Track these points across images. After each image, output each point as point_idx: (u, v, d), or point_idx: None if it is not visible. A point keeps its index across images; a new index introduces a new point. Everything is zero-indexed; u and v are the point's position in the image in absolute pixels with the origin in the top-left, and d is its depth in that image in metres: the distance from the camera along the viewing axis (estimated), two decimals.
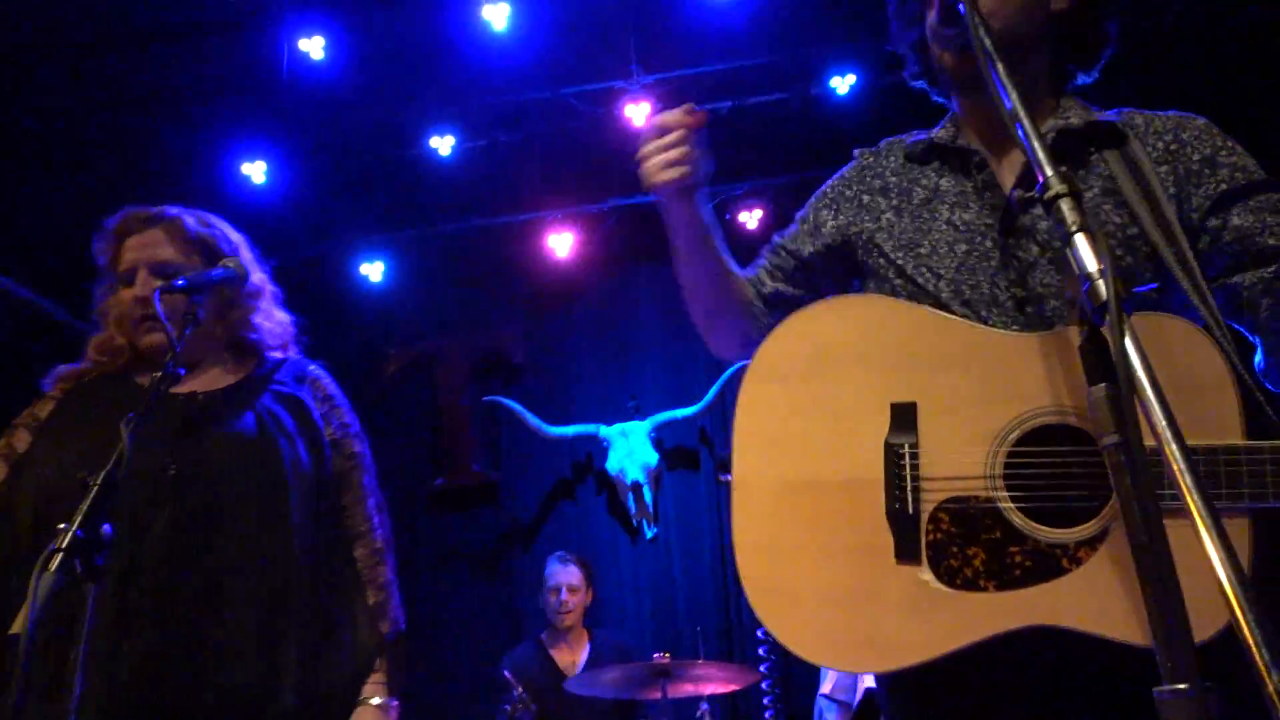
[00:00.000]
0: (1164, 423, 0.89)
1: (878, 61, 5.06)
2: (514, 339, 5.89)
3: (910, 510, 1.32)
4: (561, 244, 5.51)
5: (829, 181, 1.70)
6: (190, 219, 1.91)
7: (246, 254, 1.98)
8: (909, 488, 1.33)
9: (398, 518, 2.05)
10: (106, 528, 1.30)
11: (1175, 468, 0.86)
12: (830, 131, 5.20)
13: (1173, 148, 1.43)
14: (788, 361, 1.46)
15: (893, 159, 1.63)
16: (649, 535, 5.45)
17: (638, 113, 5.10)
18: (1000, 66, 1.16)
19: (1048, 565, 1.25)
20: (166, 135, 5.37)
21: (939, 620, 1.28)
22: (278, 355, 1.97)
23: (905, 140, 1.65)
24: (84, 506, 1.30)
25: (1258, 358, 1.40)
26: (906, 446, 1.35)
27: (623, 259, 5.79)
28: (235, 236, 1.98)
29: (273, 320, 1.99)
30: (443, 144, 5.41)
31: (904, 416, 1.36)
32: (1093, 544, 1.24)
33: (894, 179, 1.60)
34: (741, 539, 1.43)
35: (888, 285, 1.54)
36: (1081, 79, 1.58)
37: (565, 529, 5.59)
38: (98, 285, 1.94)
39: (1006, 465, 1.30)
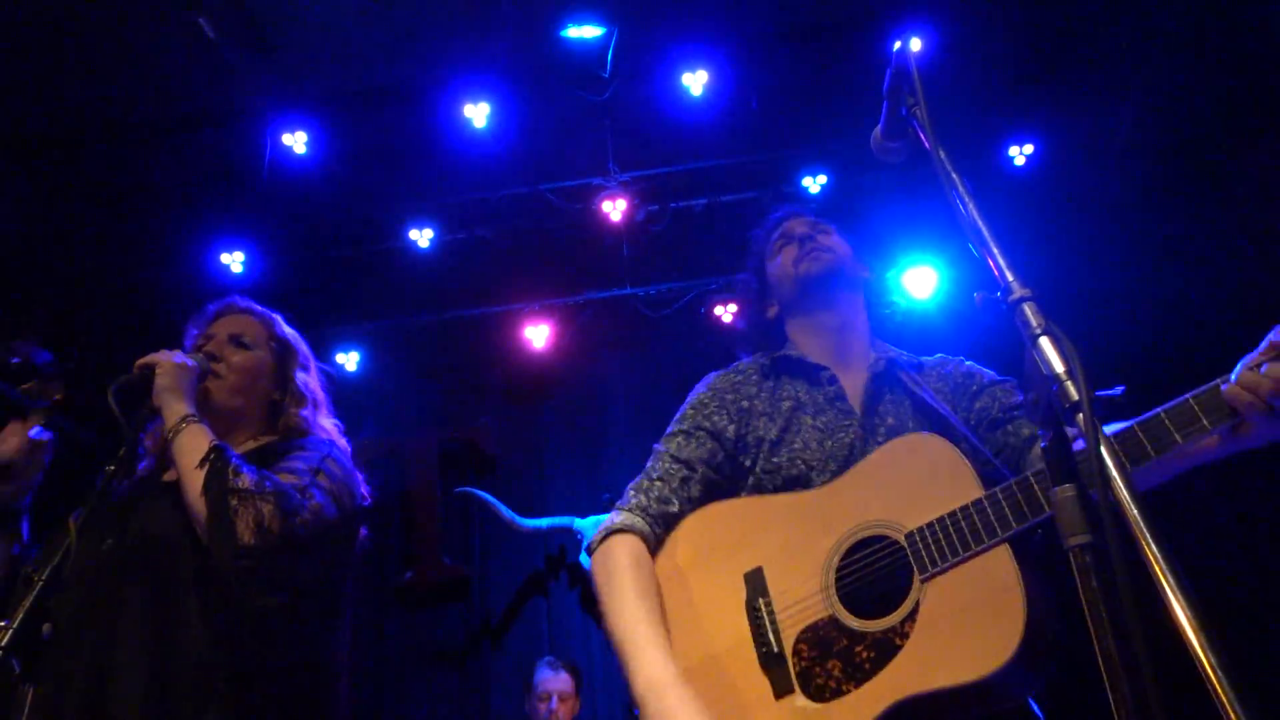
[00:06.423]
0: (1138, 514, 0.88)
1: (848, 162, 5.20)
2: (487, 430, 5.83)
3: (775, 650, 1.56)
4: (538, 335, 5.52)
5: (698, 399, 1.97)
6: (281, 323, 2.13)
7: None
8: (769, 632, 1.58)
9: (365, 614, 1.97)
10: (46, 629, 1.25)
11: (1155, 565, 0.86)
12: None
13: (944, 373, 1.93)
14: (671, 566, 1.74)
15: (752, 378, 1.97)
16: None
17: (614, 208, 5.19)
18: (951, 171, 1.19)
19: (887, 648, 1.48)
20: (148, 225, 5.40)
21: None
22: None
23: (757, 363, 2.00)
24: (26, 602, 1.26)
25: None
26: (761, 602, 1.63)
27: (598, 351, 5.80)
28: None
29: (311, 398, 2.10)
30: (421, 237, 5.47)
31: (755, 581, 1.65)
32: (912, 616, 1.48)
33: (764, 395, 1.93)
34: None
35: (751, 481, 1.81)
36: (874, 324, 2.03)
37: (538, 625, 5.45)
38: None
39: (837, 581, 1.58)
